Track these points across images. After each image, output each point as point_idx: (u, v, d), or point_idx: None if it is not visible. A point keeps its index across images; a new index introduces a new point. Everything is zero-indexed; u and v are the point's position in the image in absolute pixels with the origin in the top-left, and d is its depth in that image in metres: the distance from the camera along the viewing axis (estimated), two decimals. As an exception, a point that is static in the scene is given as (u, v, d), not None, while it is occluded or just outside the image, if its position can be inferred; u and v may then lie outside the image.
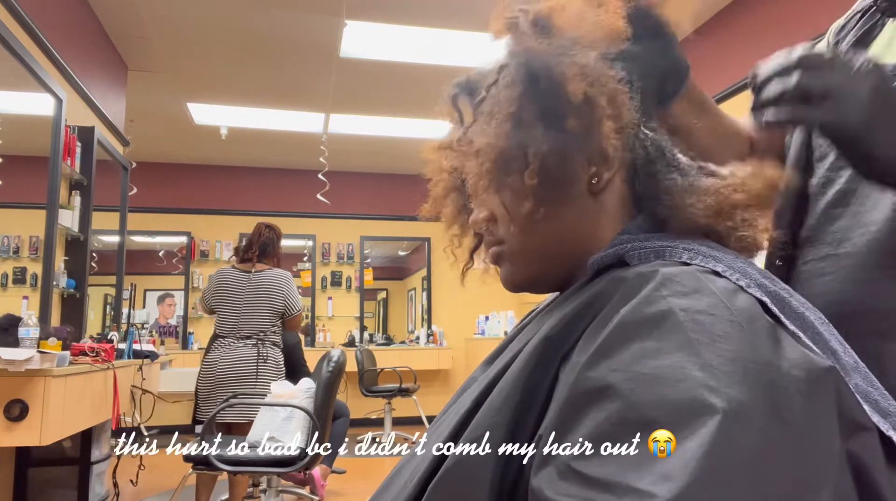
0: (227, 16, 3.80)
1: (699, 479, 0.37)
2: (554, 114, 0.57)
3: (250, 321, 3.22)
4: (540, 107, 0.58)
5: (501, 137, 0.58)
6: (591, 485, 0.40)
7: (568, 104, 0.57)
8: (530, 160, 0.57)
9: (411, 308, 7.97)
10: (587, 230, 0.60)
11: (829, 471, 0.40)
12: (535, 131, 0.58)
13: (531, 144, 0.58)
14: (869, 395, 0.48)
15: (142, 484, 3.81)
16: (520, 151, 0.58)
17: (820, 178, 0.73)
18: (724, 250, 0.55)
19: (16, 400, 2.12)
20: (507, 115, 0.59)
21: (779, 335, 0.45)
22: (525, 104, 0.58)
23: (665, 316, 0.45)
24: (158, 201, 6.49)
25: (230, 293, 3.26)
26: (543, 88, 0.58)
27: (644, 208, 0.61)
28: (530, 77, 0.59)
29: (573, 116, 0.57)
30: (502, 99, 0.59)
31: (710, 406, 0.39)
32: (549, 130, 0.58)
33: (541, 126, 0.58)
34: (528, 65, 0.59)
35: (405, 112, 5.28)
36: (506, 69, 0.61)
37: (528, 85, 0.59)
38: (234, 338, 3.21)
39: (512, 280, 0.65)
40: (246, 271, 3.31)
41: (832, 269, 0.67)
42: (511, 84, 0.59)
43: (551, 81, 0.57)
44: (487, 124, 0.60)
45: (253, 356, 3.15)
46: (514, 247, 0.63)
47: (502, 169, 0.59)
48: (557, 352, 0.51)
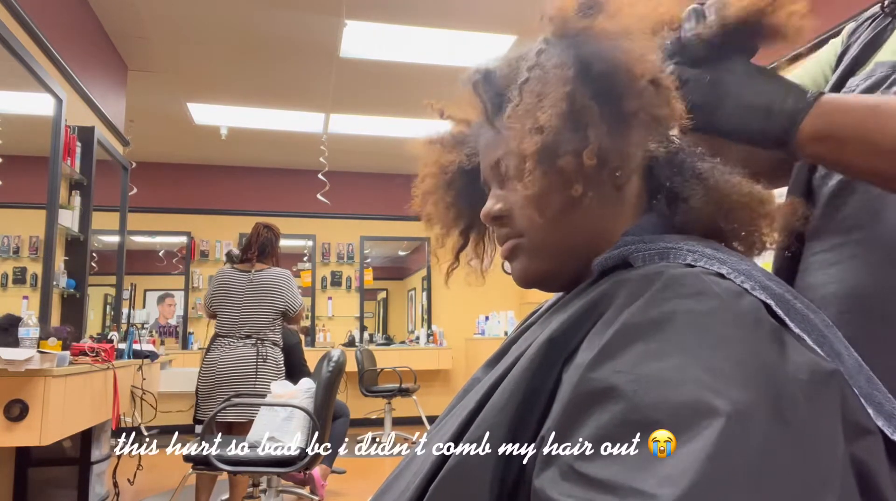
0: (227, 16, 3.80)
1: (702, 482, 0.37)
2: (613, 95, 0.55)
3: (250, 321, 3.22)
4: (597, 88, 0.56)
5: (558, 117, 0.55)
6: (594, 486, 0.40)
7: (630, 85, 0.55)
8: (590, 141, 0.55)
9: (411, 308, 7.97)
10: (606, 224, 0.60)
11: (833, 475, 0.40)
12: (592, 113, 0.55)
13: (591, 126, 0.55)
14: (873, 398, 0.48)
15: (142, 484, 3.81)
16: (576, 135, 0.55)
17: (822, 170, 0.73)
18: (728, 251, 0.55)
19: (16, 400, 2.12)
20: (562, 93, 0.56)
21: (783, 338, 0.45)
22: (580, 84, 0.56)
23: (669, 318, 0.45)
24: (158, 201, 6.49)
25: (231, 294, 3.26)
26: (600, 69, 0.56)
27: (655, 205, 0.61)
28: (583, 59, 0.56)
29: (635, 98, 0.55)
30: (553, 79, 0.56)
31: (713, 409, 0.39)
32: (608, 111, 0.56)
33: (598, 106, 0.55)
34: (579, 47, 0.57)
35: (405, 112, 5.27)
36: (546, 52, 0.58)
37: (582, 66, 0.56)
38: (234, 337, 3.21)
39: (526, 275, 0.63)
40: (245, 272, 3.30)
41: (843, 257, 0.67)
42: (561, 65, 0.57)
43: (610, 62, 0.55)
44: (538, 105, 0.56)
45: (252, 356, 3.15)
46: (537, 239, 0.61)
47: (554, 150, 0.56)
48: (561, 353, 0.51)
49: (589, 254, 0.59)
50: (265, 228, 3.39)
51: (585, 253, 0.60)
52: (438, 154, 0.72)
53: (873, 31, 0.76)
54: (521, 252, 0.63)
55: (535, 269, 0.63)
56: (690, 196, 0.59)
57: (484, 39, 4.00)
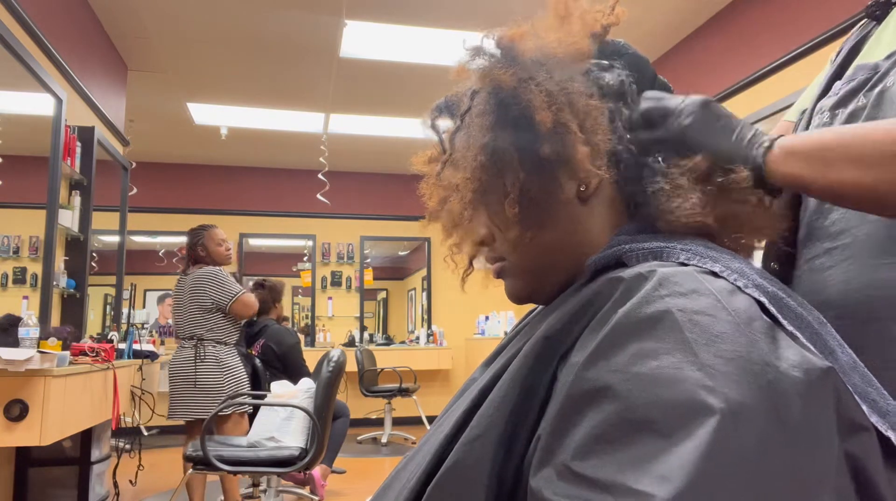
0: (227, 16, 3.80)
1: (697, 480, 0.37)
2: (527, 142, 0.58)
3: (186, 323, 3.25)
4: (512, 136, 0.59)
5: (477, 170, 0.60)
6: (590, 486, 0.40)
7: (539, 132, 0.57)
8: (509, 190, 0.59)
9: (411, 308, 7.97)
10: (582, 236, 0.61)
11: (827, 472, 0.40)
12: (510, 161, 0.59)
13: (508, 174, 0.59)
14: (867, 395, 0.48)
15: (142, 484, 3.81)
16: (498, 181, 0.60)
17: None
18: (721, 250, 0.55)
19: (16, 400, 2.12)
20: (480, 146, 0.60)
21: (777, 336, 0.45)
22: (498, 134, 0.59)
23: (663, 317, 0.45)
24: (158, 201, 6.49)
25: (174, 300, 3.37)
26: (513, 116, 0.59)
27: (637, 208, 0.61)
28: (500, 106, 0.60)
29: (546, 143, 0.58)
30: (475, 129, 0.61)
31: (707, 407, 0.39)
32: (524, 158, 0.59)
33: (515, 155, 0.59)
34: (496, 93, 0.60)
35: (405, 112, 5.28)
36: (477, 96, 0.62)
37: (499, 114, 0.60)
38: (181, 340, 3.29)
39: (515, 293, 0.66)
40: (184, 277, 3.35)
41: (834, 261, 0.68)
42: (482, 113, 0.60)
43: (520, 109, 0.58)
44: (464, 156, 0.61)
45: (191, 357, 3.17)
46: (517, 263, 0.64)
47: (483, 200, 0.61)
48: (556, 351, 0.51)
49: (573, 264, 0.61)
50: (190, 232, 3.40)
51: (570, 265, 0.62)
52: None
53: (858, 35, 0.78)
54: (506, 274, 0.66)
55: (520, 288, 0.65)
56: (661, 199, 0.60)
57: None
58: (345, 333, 6.83)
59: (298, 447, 2.61)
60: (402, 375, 5.64)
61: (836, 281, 0.67)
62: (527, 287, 0.65)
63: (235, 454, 2.56)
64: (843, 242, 0.67)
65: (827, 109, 0.73)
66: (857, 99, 0.69)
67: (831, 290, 0.67)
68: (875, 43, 0.73)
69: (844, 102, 0.71)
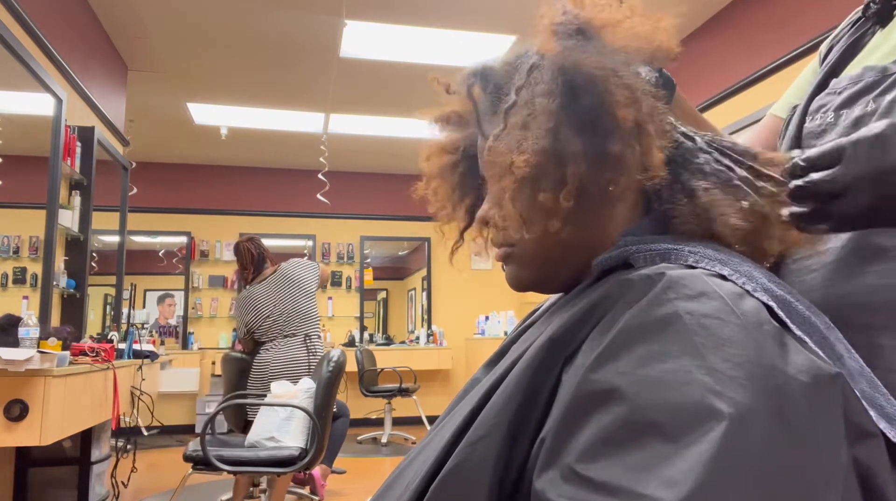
0: (227, 16, 3.79)
1: (704, 484, 0.37)
2: (596, 135, 0.55)
3: (293, 319, 3.39)
4: (582, 125, 0.55)
5: (539, 153, 0.55)
6: (596, 489, 0.40)
7: (614, 128, 0.55)
8: (568, 181, 0.55)
9: (411, 308, 7.96)
10: (598, 234, 0.60)
11: (835, 478, 0.40)
12: (574, 151, 0.55)
13: (570, 164, 0.55)
14: (875, 400, 0.47)
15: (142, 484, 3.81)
16: (557, 170, 0.56)
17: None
18: (730, 253, 0.55)
19: (16, 400, 2.12)
20: (545, 129, 0.55)
21: (785, 340, 0.45)
22: (564, 120, 0.56)
23: (671, 320, 0.45)
24: (158, 201, 6.48)
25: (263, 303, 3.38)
26: (587, 105, 0.55)
27: (654, 209, 0.60)
28: (571, 90, 0.56)
29: (619, 141, 0.55)
30: (539, 109, 0.56)
31: (715, 411, 0.39)
32: (590, 151, 0.55)
33: (580, 146, 0.55)
34: (569, 75, 0.56)
35: (405, 112, 5.27)
36: (537, 72, 0.58)
37: (569, 99, 0.56)
38: (282, 338, 3.35)
39: (519, 282, 0.64)
40: (260, 282, 3.42)
41: (819, 265, 0.68)
42: (548, 93, 0.56)
43: (596, 100, 0.55)
44: (522, 136, 0.56)
45: (304, 354, 3.33)
46: (526, 252, 0.62)
47: (534, 186, 0.56)
48: (561, 354, 0.51)
49: (583, 260, 0.59)
50: (249, 242, 3.50)
51: (579, 260, 0.60)
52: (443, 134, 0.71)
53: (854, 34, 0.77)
54: (512, 260, 0.63)
55: (526, 277, 0.63)
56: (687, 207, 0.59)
57: (484, 39, 4.00)
58: (345, 333, 6.83)
59: (298, 447, 2.60)
60: (402, 375, 5.63)
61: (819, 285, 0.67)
62: (532, 277, 0.63)
63: (235, 454, 2.55)
64: (830, 246, 0.67)
65: (831, 110, 0.72)
66: (864, 102, 0.68)
67: (814, 294, 0.66)
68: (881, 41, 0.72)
69: (850, 104, 0.70)
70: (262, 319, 3.36)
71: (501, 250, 0.64)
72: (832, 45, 0.82)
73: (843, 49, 0.77)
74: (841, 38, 0.80)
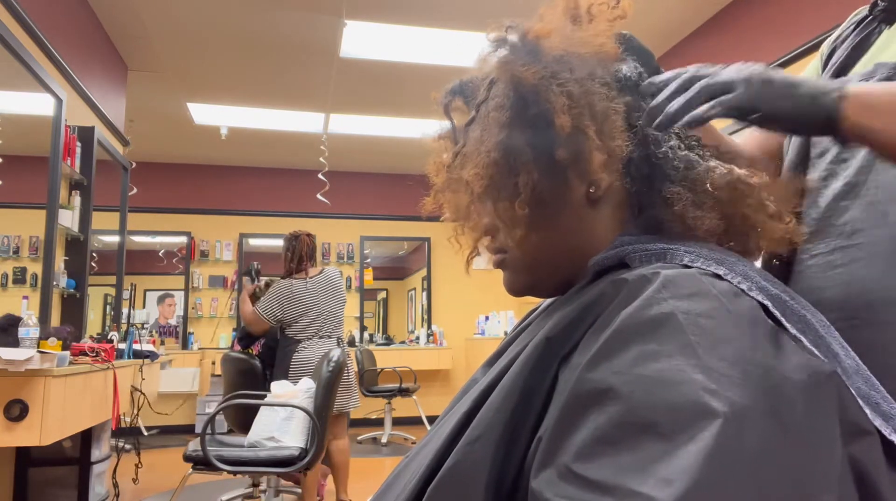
0: (227, 16, 3.80)
1: (700, 483, 0.37)
2: (543, 143, 0.58)
3: (330, 322, 3.46)
4: (529, 135, 0.58)
5: (490, 166, 0.59)
6: (592, 488, 0.40)
7: (557, 135, 0.57)
8: (521, 190, 0.58)
9: (411, 308, 7.96)
10: (586, 236, 0.61)
11: (830, 476, 0.40)
12: (524, 160, 0.58)
13: (521, 173, 0.58)
14: (871, 398, 0.47)
15: (142, 484, 3.81)
16: (510, 180, 0.59)
17: (822, 172, 0.73)
18: (725, 252, 0.55)
19: (16, 400, 2.12)
20: (495, 142, 0.59)
21: (780, 339, 0.45)
22: (514, 132, 0.59)
23: (666, 319, 0.45)
24: (158, 201, 6.49)
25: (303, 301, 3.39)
26: (533, 115, 0.58)
27: (644, 209, 0.61)
28: (518, 102, 0.59)
29: (562, 146, 0.57)
30: (491, 123, 0.59)
31: (711, 410, 0.39)
32: (539, 159, 0.58)
33: (530, 154, 0.58)
34: (516, 89, 0.59)
35: (405, 112, 5.27)
36: (495, 87, 0.61)
37: (517, 111, 0.59)
38: (319, 338, 3.40)
39: (514, 287, 0.66)
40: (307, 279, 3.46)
41: (845, 260, 0.67)
42: (500, 107, 0.59)
43: (539, 109, 0.57)
44: (477, 150, 0.60)
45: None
46: (514, 258, 0.64)
47: (493, 196, 0.60)
48: (557, 353, 0.51)
49: (575, 263, 0.61)
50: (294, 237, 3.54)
51: (571, 264, 0.61)
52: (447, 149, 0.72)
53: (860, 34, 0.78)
54: (506, 267, 0.66)
55: (519, 282, 0.65)
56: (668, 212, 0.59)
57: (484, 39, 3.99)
58: (345, 333, 6.82)
59: (298, 447, 2.60)
60: (402, 375, 5.63)
61: (843, 281, 0.66)
62: (525, 282, 0.65)
63: (235, 454, 2.55)
64: (857, 242, 0.66)
65: None
66: None
67: (836, 289, 0.66)
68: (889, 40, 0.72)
69: None
70: (299, 315, 3.38)
71: (496, 258, 0.66)
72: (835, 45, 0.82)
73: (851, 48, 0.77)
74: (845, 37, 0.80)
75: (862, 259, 0.66)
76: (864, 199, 0.68)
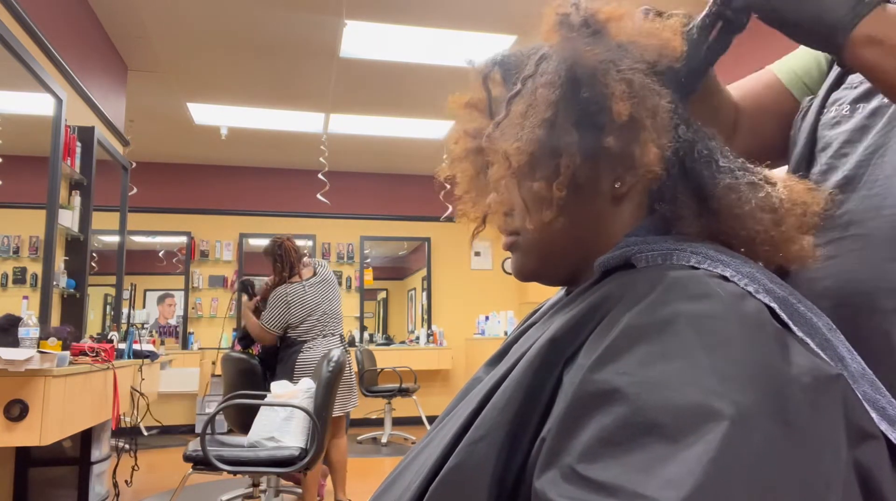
0: (227, 16, 3.79)
1: (705, 485, 0.36)
2: (592, 128, 0.56)
3: (334, 321, 3.52)
4: (578, 117, 0.56)
5: (533, 143, 0.56)
6: (596, 489, 0.40)
7: (610, 122, 0.55)
8: (561, 172, 0.56)
9: (411, 308, 7.96)
10: (602, 230, 0.60)
11: (835, 479, 0.40)
12: (569, 142, 0.56)
13: (564, 155, 0.56)
14: (877, 402, 0.47)
15: (142, 484, 3.81)
16: (551, 161, 0.56)
17: (821, 166, 0.73)
18: (732, 254, 0.55)
19: (16, 400, 2.12)
20: (541, 119, 0.56)
21: (787, 341, 0.45)
22: (562, 111, 0.56)
23: (672, 320, 0.45)
24: (158, 201, 6.48)
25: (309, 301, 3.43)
26: (585, 98, 0.56)
27: (659, 207, 0.60)
28: (572, 82, 0.56)
29: (614, 135, 0.55)
30: (539, 99, 0.57)
31: (716, 412, 0.39)
32: (585, 143, 0.56)
33: (576, 137, 0.56)
34: (571, 67, 0.56)
35: (405, 112, 5.27)
36: (545, 62, 0.59)
37: (569, 90, 0.56)
38: (323, 337, 3.44)
39: (521, 270, 0.66)
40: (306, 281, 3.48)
41: (840, 251, 0.67)
42: (550, 84, 0.57)
43: (595, 93, 0.55)
44: (520, 125, 0.57)
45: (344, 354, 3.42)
46: (529, 241, 0.63)
47: (528, 174, 0.58)
48: (562, 354, 0.51)
49: (586, 255, 0.60)
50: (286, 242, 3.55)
51: (581, 254, 0.61)
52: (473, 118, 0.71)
53: None
54: (516, 249, 0.65)
55: (529, 266, 0.65)
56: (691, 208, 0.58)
57: (484, 39, 4.00)
58: (345, 333, 6.83)
59: (298, 447, 2.60)
60: (402, 375, 5.63)
61: (839, 271, 0.66)
62: (534, 267, 0.64)
63: (235, 454, 2.55)
64: (854, 233, 0.66)
65: (847, 102, 0.72)
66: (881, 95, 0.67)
67: (832, 279, 0.66)
68: None
69: (867, 97, 0.70)
70: (303, 318, 3.40)
71: (507, 240, 0.65)
72: None
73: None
74: None
75: (855, 250, 0.66)
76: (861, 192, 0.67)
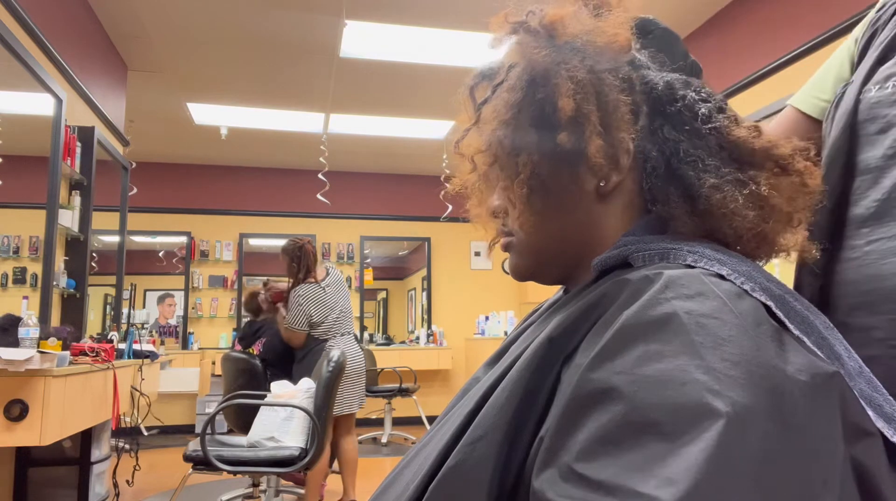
0: (227, 16, 3.80)
1: (702, 483, 0.37)
2: (548, 126, 0.58)
3: (348, 320, 3.63)
4: (535, 117, 0.59)
5: (494, 144, 0.60)
6: (594, 488, 0.40)
7: (560, 118, 0.57)
8: (520, 170, 0.59)
9: (411, 308, 7.96)
10: (594, 232, 0.61)
11: (832, 477, 0.40)
12: (527, 141, 0.59)
13: (522, 153, 0.59)
14: (874, 400, 0.47)
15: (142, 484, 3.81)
16: (511, 160, 0.59)
17: (887, 149, 0.67)
18: (729, 252, 0.55)
19: (16, 400, 2.12)
20: (501, 121, 0.60)
21: (783, 340, 0.45)
22: (521, 112, 0.59)
23: (669, 319, 0.45)
24: (158, 201, 6.49)
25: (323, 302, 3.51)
26: (539, 98, 0.58)
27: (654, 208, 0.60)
28: (530, 84, 0.59)
29: (563, 130, 0.57)
30: (500, 104, 0.60)
31: (713, 410, 0.39)
32: (540, 141, 0.58)
33: (532, 137, 0.59)
34: (530, 71, 0.59)
35: (405, 112, 5.27)
36: (513, 70, 0.62)
37: (528, 93, 0.59)
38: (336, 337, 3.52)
39: (516, 270, 0.67)
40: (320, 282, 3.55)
41: None
42: (512, 89, 0.60)
43: (547, 92, 0.58)
44: (485, 128, 0.61)
45: (360, 351, 3.56)
46: (522, 241, 0.64)
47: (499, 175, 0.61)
48: (560, 353, 0.51)
49: (581, 254, 0.61)
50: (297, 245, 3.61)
51: (576, 254, 0.62)
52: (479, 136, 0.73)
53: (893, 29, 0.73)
54: (512, 249, 0.66)
55: (523, 266, 0.66)
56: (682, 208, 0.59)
57: (484, 39, 3.99)
58: (345, 333, 6.84)
59: (298, 447, 2.61)
60: (402, 375, 5.63)
61: None
62: (529, 267, 0.65)
63: (235, 454, 2.55)
64: None
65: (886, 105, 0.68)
66: None
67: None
68: None
69: None
70: (325, 317, 3.49)
71: (503, 240, 0.67)
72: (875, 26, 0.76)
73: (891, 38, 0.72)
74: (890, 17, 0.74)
75: None
76: None
